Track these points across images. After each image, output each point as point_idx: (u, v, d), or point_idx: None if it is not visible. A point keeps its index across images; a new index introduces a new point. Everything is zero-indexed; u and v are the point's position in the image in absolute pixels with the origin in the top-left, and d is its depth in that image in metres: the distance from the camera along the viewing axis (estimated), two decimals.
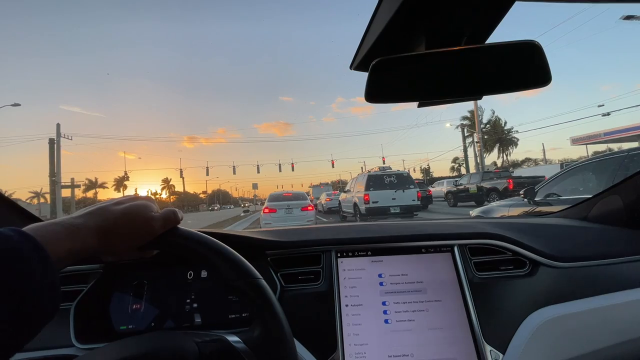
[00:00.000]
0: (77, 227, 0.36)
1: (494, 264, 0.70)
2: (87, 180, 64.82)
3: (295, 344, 0.42)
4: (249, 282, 0.42)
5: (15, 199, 8.05)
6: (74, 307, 0.60)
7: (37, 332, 0.29)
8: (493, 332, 0.60)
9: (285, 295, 0.65)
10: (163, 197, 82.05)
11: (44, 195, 54.58)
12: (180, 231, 0.44)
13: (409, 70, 0.46)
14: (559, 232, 0.84)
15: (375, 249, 0.69)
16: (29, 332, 0.29)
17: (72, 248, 0.34)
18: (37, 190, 58.06)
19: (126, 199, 0.43)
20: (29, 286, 0.28)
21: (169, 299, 0.65)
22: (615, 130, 21.81)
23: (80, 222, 0.36)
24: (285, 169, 40.30)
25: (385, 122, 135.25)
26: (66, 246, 0.34)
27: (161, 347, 0.38)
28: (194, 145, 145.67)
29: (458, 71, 0.45)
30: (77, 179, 47.55)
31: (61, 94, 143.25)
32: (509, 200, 4.63)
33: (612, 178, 3.17)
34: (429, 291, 0.64)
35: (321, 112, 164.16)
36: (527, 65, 0.45)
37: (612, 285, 0.68)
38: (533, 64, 0.44)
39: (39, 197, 57.19)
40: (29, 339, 0.29)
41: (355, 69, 0.51)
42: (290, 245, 0.70)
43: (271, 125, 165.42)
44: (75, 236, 0.35)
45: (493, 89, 0.47)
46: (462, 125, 31.14)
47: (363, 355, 0.59)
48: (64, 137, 26.44)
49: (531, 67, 0.45)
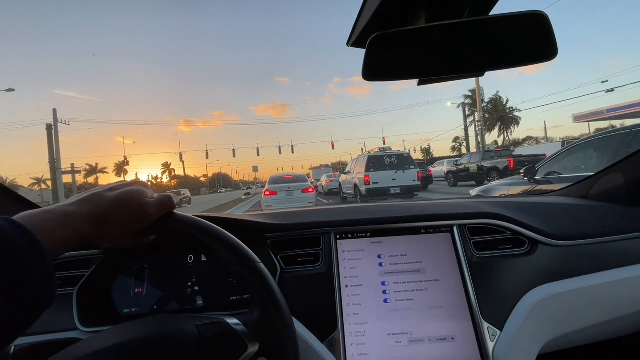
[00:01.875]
0: (70, 214, 0.35)
1: (493, 243, 0.70)
2: (87, 166, 64.72)
3: (294, 325, 0.42)
4: (247, 266, 0.42)
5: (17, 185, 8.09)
6: (76, 291, 0.61)
7: (34, 319, 0.29)
8: (491, 309, 0.61)
9: (286, 277, 0.65)
10: (164, 181, 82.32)
11: (45, 182, 54.67)
12: (176, 216, 0.43)
13: (408, 46, 0.44)
14: (559, 210, 0.84)
15: (375, 230, 0.69)
16: (26, 320, 0.29)
17: (65, 235, 0.34)
18: (39, 177, 58.17)
19: (120, 185, 0.42)
20: (23, 275, 0.28)
21: (170, 282, 0.66)
22: (619, 106, 21.48)
23: (73, 209, 0.36)
24: (285, 151, 40.10)
25: (385, 102, 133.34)
26: (59, 234, 0.33)
27: (162, 330, 0.39)
28: (191, 129, 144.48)
29: (460, 46, 0.43)
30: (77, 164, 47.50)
31: (55, 78, 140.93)
32: (509, 180, 4.62)
33: (613, 156, 3.14)
34: (428, 271, 0.65)
35: (318, 93, 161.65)
36: (532, 37, 0.43)
37: (611, 262, 0.68)
38: (539, 37, 0.42)
39: (40, 184, 57.34)
40: (27, 327, 0.29)
41: (352, 46, 0.49)
42: (289, 228, 0.71)
43: (268, 107, 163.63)
44: (69, 223, 0.34)
45: (496, 64, 0.44)
46: (464, 104, 30.74)
47: (363, 333, 0.60)
48: (61, 122, 26.20)
49: (537, 39, 0.43)
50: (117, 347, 0.36)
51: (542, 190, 1.97)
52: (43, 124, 25.06)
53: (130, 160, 61.79)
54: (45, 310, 0.30)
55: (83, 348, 0.37)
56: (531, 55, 0.44)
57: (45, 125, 25.04)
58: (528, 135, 54.23)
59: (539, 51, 0.43)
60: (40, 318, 0.30)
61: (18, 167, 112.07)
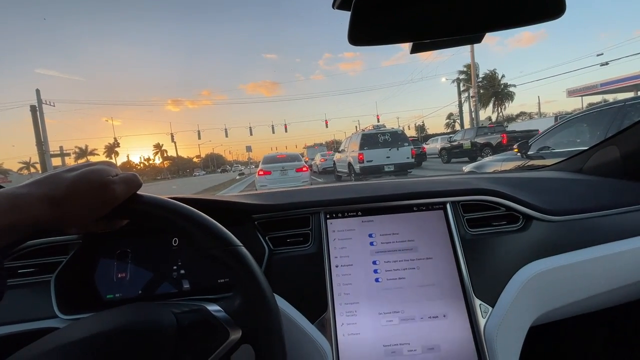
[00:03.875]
0: (19, 196, 0.31)
1: (486, 220, 0.68)
2: (76, 148, 63.47)
3: (279, 310, 0.40)
4: (225, 250, 0.39)
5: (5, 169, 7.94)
6: (54, 278, 0.58)
7: None
8: (484, 286, 0.60)
9: (274, 258, 0.63)
10: (156, 162, 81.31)
11: (34, 166, 53.65)
12: (146, 198, 0.40)
13: (399, 4, 0.39)
14: (553, 185, 0.82)
15: (366, 209, 0.67)
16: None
17: (15, 220, 0.30)
18: (27, 160, 56.94)
19: (81, 165, 0.38)
20: None
21: (155, 266, 0.64)
22: (612, 80, 21.43)
23: (24, 191, 0.32)
24: (278, 130, 39.64)
25: (379, 79, 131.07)
26: (7, 218, 0.30)
27: (138, 319, 0.37)
28: (179, 108, 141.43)
29: (457, 3, 0.39)
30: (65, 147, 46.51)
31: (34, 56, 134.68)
32: (502, 155, 4.64)
33: (606, 130, 3.14)
34: (420, 249, 0.63)
35: (308, 70, 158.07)
36: None
37: (606, 236, 0.68)
38: None
39: (29, 167, 56.25)
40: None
41: (338, 8, 0.44)
42: (277, 209, 0.68)
43: (257, 85, 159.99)
44: (17, 207, 0.31)
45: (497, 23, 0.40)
46: (458, 79, 30.34)
47: (354, 313, 0.59)
48: (46, 103, 25.31)
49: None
50: (93, 337, 0.34)
51: (535, 165, 1.97)
52: (25, 105, 24.24)
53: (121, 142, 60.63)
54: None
55: (56, 339, 0.35)
56: (536, 13, 0.39)
57: (29, 107, 24.21)
58: (521, 110, 54.26)
59: (545, 8, 0.39)
60: (18, 306, 0.27)
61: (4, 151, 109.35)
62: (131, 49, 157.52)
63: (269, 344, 0.38)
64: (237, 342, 0.38)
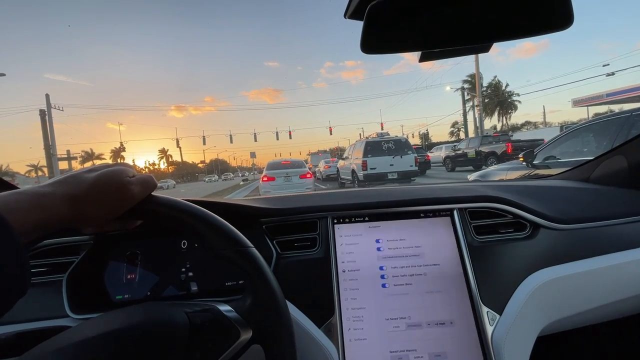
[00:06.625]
0: (43, 195, 0.33)
1: (493, 227, 0.68)
2: (83, 152, 64.16)
3: (289, 311, 0.41)
4: (238, 251, 0.40)
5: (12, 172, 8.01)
6: (66, 278, 0.59)
7: (6, 308, 0.27)
8: (491, 294, 0.60)
9: (282, 262, 0.64)
10: (161, 167, 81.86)
11: (41, 169, 54.26)
12: (162, 199, 0.41)
13: (409, 14, 0.40)
14: (560, 194, 0.82)
15: (373, 215, 0.67)
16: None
17: (39, 218, 0.31)
18: (35, 164, 57.65)
19: (101, 166, 0.40)
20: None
21: (163, 268, 0.64)
22: (619, 90, 21.28)
23: (48, 190, 0.33)
24: (283, 136, 39.82)
25: (380, 87, 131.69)
26: (32, 216, 0.31)
27: (151, 318, 0.37)
28: (183, 114, 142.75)
29: (466, 12, 0.40)
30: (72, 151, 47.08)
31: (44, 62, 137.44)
32: (507, 164, 4.61)
33: (613, 140, 3.12)
34: (427, 255, 0.63)
35: (310, 78, 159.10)
36: (545, 2, 0.39)
37: (613, 246, 0.67)
38: (553, 2, 0.39)
39: (36, 170, 56.91)
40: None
41: (350, 17, 0.46)
42: (285, 213, 0.69)
43: (260, 92, 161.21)
44: (42, 205, 0.32)
45: (505, 34, 0.41)
46: (463, 88, 30.38)
47: (360, 318, 0.59)
48: (55, 107, 25.72)
49: (550, 5, 0.39)
50: (107, 335, 0.35)
51: (541, 175, 1.96)
52: (35, 110, 24.64)
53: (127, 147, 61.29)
54: (18, 297, 0.28)
55: (70, 336, 0.35)
56: (544, 24, 0.40)
57: (38, 111, 24.60)
58: (526, 120, 53.97)
59: (553, 19, 0.40)
60: (31, 305, 0.28)
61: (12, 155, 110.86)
62: (136, 55, 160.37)
63: (280, 345, 0.39)
64: (248, 342, 0.38)
